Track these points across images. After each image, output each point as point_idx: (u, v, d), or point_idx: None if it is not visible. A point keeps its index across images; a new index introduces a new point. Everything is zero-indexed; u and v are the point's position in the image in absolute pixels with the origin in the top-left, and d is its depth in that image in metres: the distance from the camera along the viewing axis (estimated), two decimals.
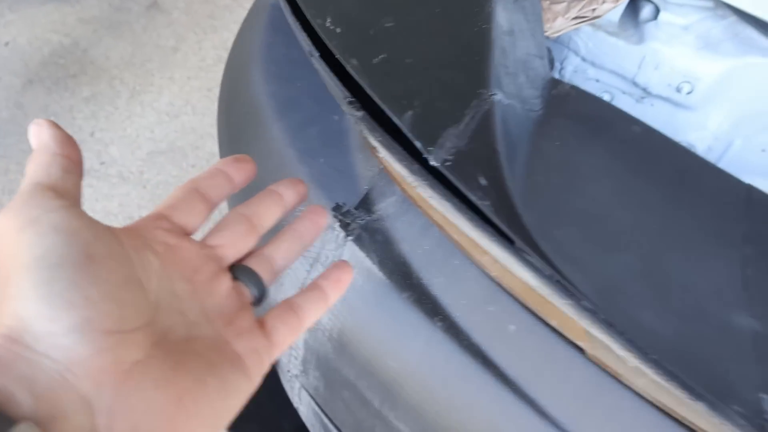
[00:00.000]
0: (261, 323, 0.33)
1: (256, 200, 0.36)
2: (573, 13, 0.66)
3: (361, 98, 0.43)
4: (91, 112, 1.79)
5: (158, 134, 1.76)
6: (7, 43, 1.97)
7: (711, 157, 0.89)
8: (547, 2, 0.67)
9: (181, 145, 1.73)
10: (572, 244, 0.38)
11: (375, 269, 0.52)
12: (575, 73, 0.91)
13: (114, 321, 0.25)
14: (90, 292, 0.24)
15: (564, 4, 0.67)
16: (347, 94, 0.42)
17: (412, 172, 0.38)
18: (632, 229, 0.43)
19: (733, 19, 0.82)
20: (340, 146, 0.60)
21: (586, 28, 0.80)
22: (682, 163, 0.55)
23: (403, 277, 0.51)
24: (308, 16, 0.47)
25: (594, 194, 0.45)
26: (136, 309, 0.27)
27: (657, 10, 0.83)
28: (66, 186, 0.28)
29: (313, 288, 0.36)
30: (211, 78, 1.94)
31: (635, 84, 0.88)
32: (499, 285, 0.48)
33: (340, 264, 0.38)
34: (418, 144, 0.38)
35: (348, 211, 0.55)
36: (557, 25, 0.66)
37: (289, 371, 0.67)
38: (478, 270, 0.49)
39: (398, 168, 0.40)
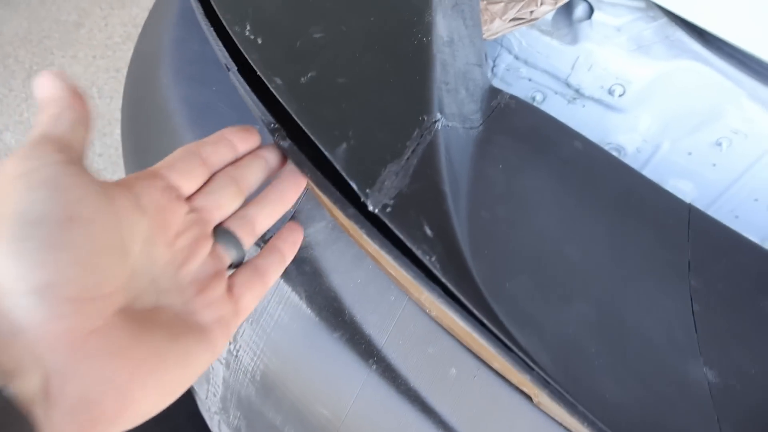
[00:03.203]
0: (229, 288, 0.34)
1: (243, 163, 0.36)
2: (510, 14, 0.62)
3: (286, 123, 0.37)
4: None
5: None
6: None
7: (640, 159, 0.88)
8: (484, 2, 0.63)
9: None
10: (525, 297, 0.35)
11: (303, 305, 0.46)
12: (507, 71, 0.88)
13: (77, 288, 0.24)
14: (61, 256, 0.24)
15: (501, 5, 0.63)
16: (271, 119, 0.36)
17: (348, 216, 0.33)
18: (583, 269, 0.40)
19: (663, 21, 0.81)
20: None
21: None
22: (624, 182, 0.52)
23: (334, 314, 0.46)
24: (224, 22, 0.40)
25: (541, 228, 0.42)
26: (107, 277, 0.26)
27: (591, 9, 0.81)
28: (72, 138, 0.27)
29: (271, 249, 0.37)
30: (120, 57, 1.80)
31: (568, 85, 0.86)
32: (438, 325, 0.44)
33: (291, 225, 0.39)
34: (353, 185, 0.33)
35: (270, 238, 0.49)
36: (494, 27, 0.62)
37: (207, 406, 0.61)
38: (417, 308, 0.45)
39: (332, 209, 0.35)
